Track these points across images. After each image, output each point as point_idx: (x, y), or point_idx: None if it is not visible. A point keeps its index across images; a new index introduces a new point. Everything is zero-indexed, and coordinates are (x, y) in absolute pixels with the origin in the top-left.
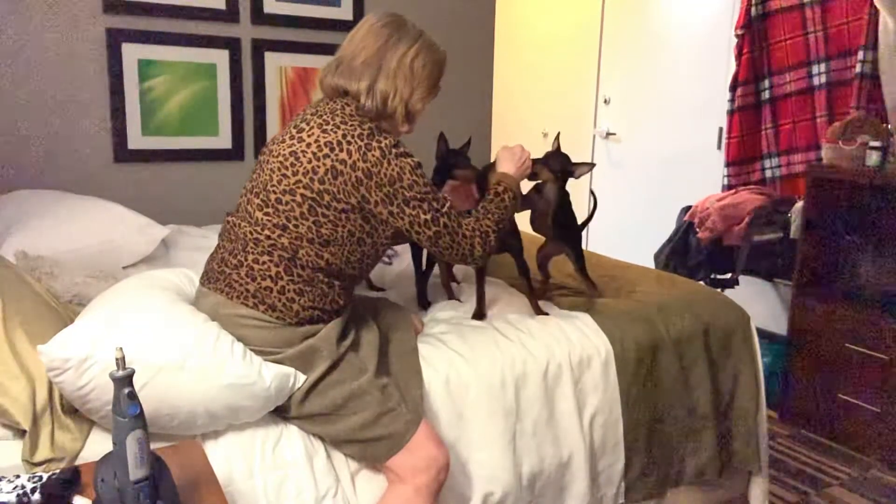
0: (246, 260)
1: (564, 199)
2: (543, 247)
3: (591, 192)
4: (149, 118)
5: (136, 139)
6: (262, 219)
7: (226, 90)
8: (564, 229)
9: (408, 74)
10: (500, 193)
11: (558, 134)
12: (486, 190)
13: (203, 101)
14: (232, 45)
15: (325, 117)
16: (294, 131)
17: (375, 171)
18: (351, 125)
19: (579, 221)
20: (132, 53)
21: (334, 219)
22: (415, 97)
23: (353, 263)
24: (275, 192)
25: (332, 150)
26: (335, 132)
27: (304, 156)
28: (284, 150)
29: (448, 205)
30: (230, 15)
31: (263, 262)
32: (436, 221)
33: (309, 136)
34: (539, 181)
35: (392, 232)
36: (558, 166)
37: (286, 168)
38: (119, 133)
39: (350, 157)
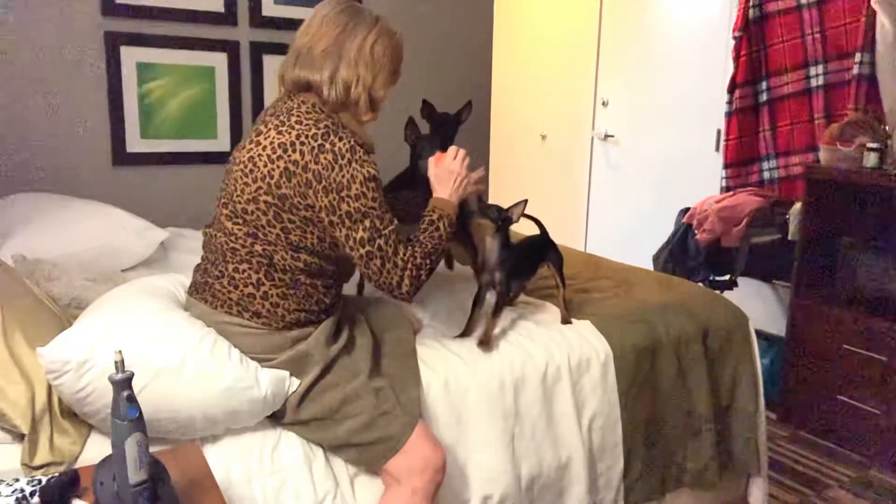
0: (227, 270)
1: (508, 250)
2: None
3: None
4: (147, 121)
5: (135, 142)
6: (232, 229)
7: (224, 93)
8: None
9: (369, 61)
10: (434, 222)
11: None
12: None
13: (202, 104)
14: (230, 48)
15: (281, 118)
16: (254, 135)
17: (325, 175)
18: (306, 125)
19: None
20: (131, 56)
21: (301, 224)
22: (377, 83)
23: (332, 263)
24: (240, 202)
25: (285, 150)
26: (289, 133)
27: (261, 160)
28: (244, 156)
29: (392, 228)
30: (229, 18)
31: (243, 271)
32: (371, 241)
33: (266, 138)
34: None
35: None
36: (495, 214)
37: (246, 175)
38: (117, 136)
39: (302, 158)
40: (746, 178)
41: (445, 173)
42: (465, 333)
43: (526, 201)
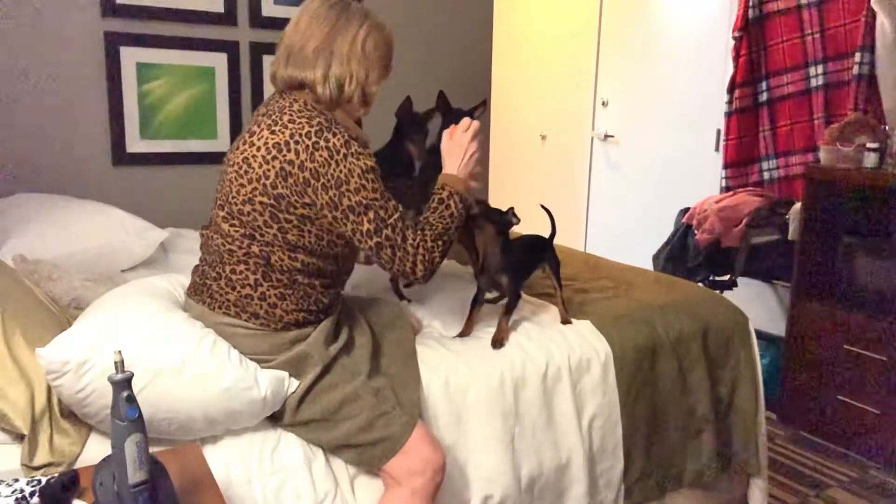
0: (224, 271)
1: (510, 251)
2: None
3: (546, 210)
4: (147, 121)
5: (135, 142)
6: (229, 230)
7: (224, 93)
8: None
9: (361, 57)
10: (444, 200)
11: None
12: (430, 193)
13: (201, 104)
14: (230, 48)
15: (273, 117)
16: (247, 136)
17: (323, 172)
18: (299, 123)
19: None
20: (131, 57)
21: (298, 224)
22: (370, 79)
23: (330, 261)
24: (235, 204)
25: (279, 150)
26: (283, 132)
27: (255, 160)
28: (238, 157)
29: (396, 216)
30: (228, 18)
31: (241, 272)
32: (378, 232)
33: (259, 139)
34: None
35: None
36: (498, 217)
37: (241, 176)
38: (117, 136)
39: (298, 158)
40: (746, 178)
41: (456, 146)
42: (463, 333)
43: (512, 208)
